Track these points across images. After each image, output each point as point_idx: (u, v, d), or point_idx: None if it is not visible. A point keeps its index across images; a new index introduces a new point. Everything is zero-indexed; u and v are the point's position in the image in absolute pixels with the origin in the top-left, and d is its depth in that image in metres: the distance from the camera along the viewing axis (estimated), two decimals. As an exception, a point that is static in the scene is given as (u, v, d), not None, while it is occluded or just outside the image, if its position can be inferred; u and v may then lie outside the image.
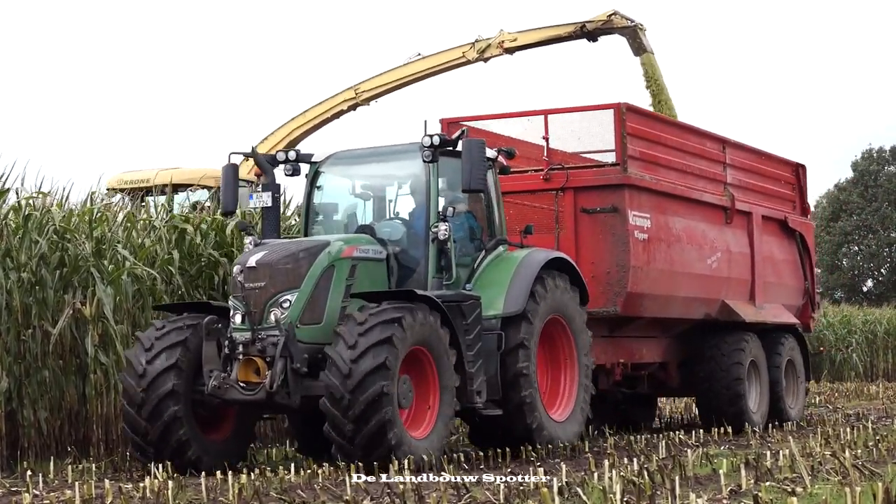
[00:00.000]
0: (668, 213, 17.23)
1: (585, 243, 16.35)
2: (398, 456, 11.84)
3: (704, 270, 18.04)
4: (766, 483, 9.53)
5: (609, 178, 16.32)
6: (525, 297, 13.74)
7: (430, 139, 13.47)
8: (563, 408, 14.53)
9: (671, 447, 14.09)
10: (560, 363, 14.65)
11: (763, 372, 19.15)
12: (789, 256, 20.82)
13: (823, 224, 71.16)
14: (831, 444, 13.27)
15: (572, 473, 10.88)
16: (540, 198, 16.64)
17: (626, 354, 17.49)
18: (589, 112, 16.65)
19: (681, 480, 9.84)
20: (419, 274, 13.51)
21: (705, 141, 18.64)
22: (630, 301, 16.34)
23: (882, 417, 20.18)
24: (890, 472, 10.20)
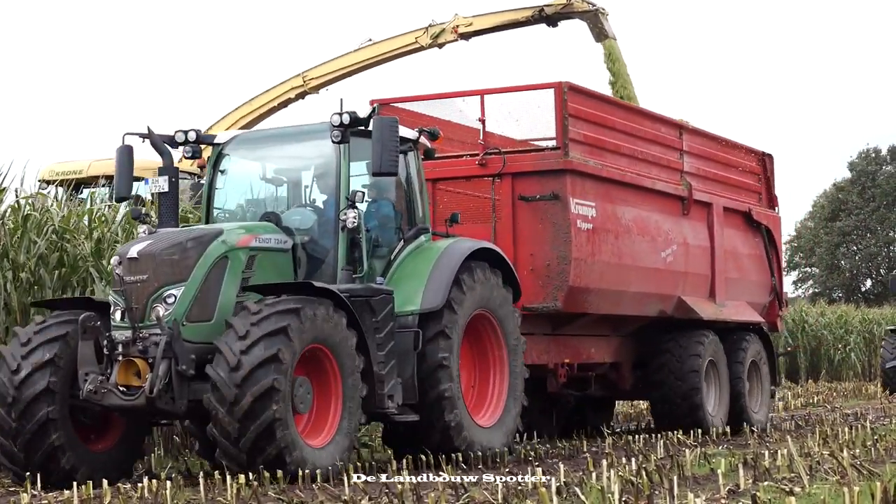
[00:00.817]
0: (616, 202, 15.99)
1: (524, 233, 15.11)
2: (289, 462, 10.63)
3: (658, 264, 16.80)
4: (764, 483, 9.62)
5: (549, 162, 15.08)
6: (445, 291, 12.50)
7: (340, 118, 12.24)
8: (491, 413, 13.28)
9: (669, 447, 13.88)
10: (489, 365, 13.41)
11: (723, 373, 17.92)
12: (754, 251, 19.58)
13: (822, 224, 70.55)
14: (829, 444, 13.14)
15: (570, 473, 10.82)
16: (475, 185, 15.41)
17: (572, 354, 16.25)
18: (528, 92, 15.37)
19: (679, 480, 9.84)
20: (328, 266, 12.27)
21: (659, 126, 17.39)
22: (572, 296, 15.09)
23: (880, 417, 19.63)
24: (888, 471, 10.12)
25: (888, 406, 23.16)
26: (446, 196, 15.50)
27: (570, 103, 15.14)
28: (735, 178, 19.25)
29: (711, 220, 18.19)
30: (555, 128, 15.11)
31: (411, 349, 12.25)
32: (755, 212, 19.49)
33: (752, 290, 19.41)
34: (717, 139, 18.86)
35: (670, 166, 17.41)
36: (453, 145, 15.60)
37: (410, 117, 15.70)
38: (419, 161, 13.45)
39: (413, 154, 13.28)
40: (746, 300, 19.17)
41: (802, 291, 73.33)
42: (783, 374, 38.46)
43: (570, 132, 15.14)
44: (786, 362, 38.81)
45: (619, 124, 16.30)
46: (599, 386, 17.70)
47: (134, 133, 12.74)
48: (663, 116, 17.75)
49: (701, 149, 18.27)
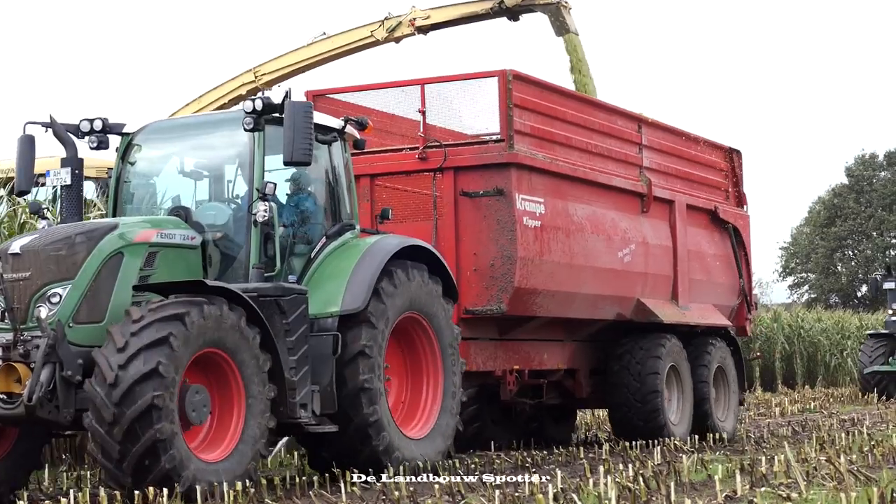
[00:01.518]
0: (567, 199, 15.05)
1: (467, 231, 14.18)
2: (180, 480, 9.69)
3: (615, 265, 15.86)
4: (761, 489, 9.66)
5: (492, 156, 14.14)
6: (367, 291, 11.54)
7: (252, 104, 11.30)
8: (424, 423, 12.33)
9: (666, 453, 13.80)
10: (422, 370, 12.46)
11: (686, 380, 16.98)
12: (721, 251, 18.65)
13: (818, 230, 69.85)
14: (826, 450, 13.11)
15: (568, 479, 10.78)
16: (416, 180, 14.49)
17: (522, 360, 15.30)
18: (471, 81, 14.42)
19: (676, 486, 9.83)
20: (241, 264, 11.32)
21: (616, 118, 16.46)
22: (518, 298, 14.15)
23: (877, 422, 19.35)
24: (885, 477, 10.12)
25: (885, 412, 22.81)
26: (385, 192, 14.59)
27: (515, 92, 14.22)
28: (700, 174, 18.32)
29: (673, 219, 17.27)
30: (499, 119, 14.18)
31: (330, 354, 11.29)
32: (722, 210, 18.57)
33: (718, 292, 18.49)
34: (679, 133, 17.93)
35: (628, 161, 16.49)
36: (393, 138, 14.69)
37: (348, 109, 14.79)
38: (347, 153, 12.51)
39: (340, 145, 12.34)
40: (713, 303, 18.24)
41: (798, 297, 72.96)
42: (780, 379, 38.11)
43: (516, 123, 14.22)
44: (782, 368, 38.18)
45: (570, 116, 15.36)
46: (555, 394, 16.79)
47: (36, 122, 11.81)
48: (620, 108, 16.83)
49: (662, 143, 17.34)
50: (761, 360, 36.11)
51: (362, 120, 12.57)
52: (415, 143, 14.42)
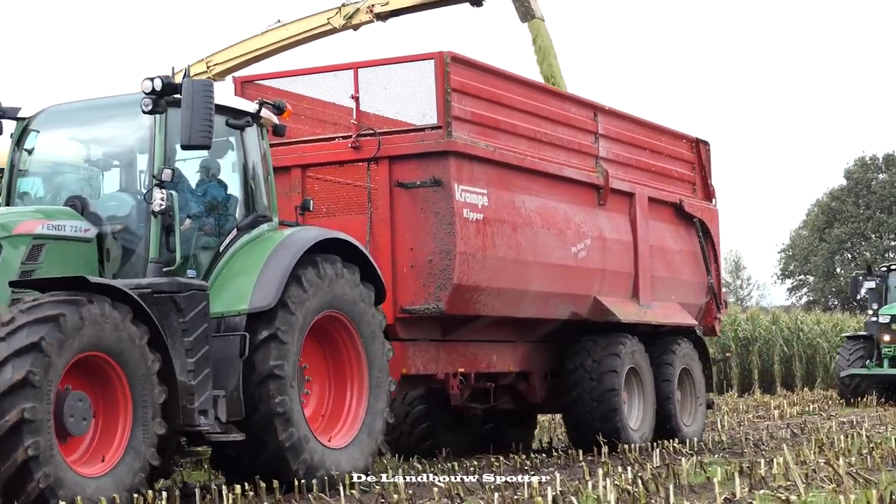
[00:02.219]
0: (514, 190, 14.14)
1: (403, 225, 13.27)
2: (56, 500, 8.76)
3: (568, 261, 14.94)
4: (760, 491, 9.69)
5: (429, 144, 13.23)
6: (279, 287, 10.61)
7: (151, 83, 10.39)
8: (345, 431, 11.40)
9: (665, 455, 13.74)
10: (345, 375, 11.54)
11: (647, 383, 16.08)
12: (687, 247, 17.73)
13: (816, 232, 69.05)
14: (825, 452, 13.08)
15: (566, 482, 10.69)
16: (349, 171, 13.59)
17: (468, 363, 14.39)
18: (406, 64, 13.48)
19: (675, 489, 9.73)
20: (140, 258, 10.41)
21: (569, 105, 15.54)
22: (459, 296, 13.24)
23: (876, 425, 19.09)
24: (884, 479, 10.12)
25: (883, 414, 22.41)
26: (317, 184, 13.68)
27: (453, 76, 13.30)
28: (663, 165, 17.40)
29: (634, 212, 16.36)
30: (435, 104, 13.26)
31: (237, 356, 10.37)
32: (687, 204, 17.65)
33: (684, 290, 17.58)
34: (640, 122, 17.02)
35: (582, 151, 15.57)
36: (325, 127, 13.79)
37: (278, 96, 13.82)
38: (264, 140, 11.61)
39: (255, 130, 11.42)
40: (678, 301, 17.34)
41: (797, 299, 72.40)
42: (778, 381, 37.65)
43: (454, 109, 13.30)
44: (781, 370, 37.43)
45: (517, 102, 14.43)
46: (508, 398, 15.89)
47: None
48: (573, 95, 15.94)
49: (620, 133, 16.42)
50: (737, 360, 35.20)
51: (279, 104, 11.66)
52: (348, 131, 13.53)
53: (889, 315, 26.81)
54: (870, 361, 26.62)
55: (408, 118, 13.53)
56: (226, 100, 11.10)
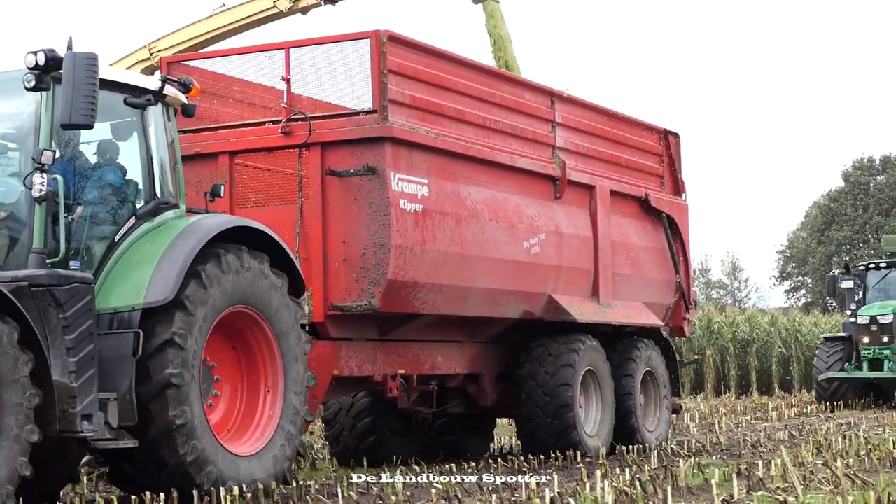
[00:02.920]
0: (459, 180, 13.24)
1: (335, 216, 12.39)
2: None
3: (519, 256, 14.05)
4: (758, 493, 9.70)
5: (363, 129, 12.34)
6: (176, 282, 9.70)
7: (34, 57, 9.51)
8: (259, 435, 10.50)
9: (663, 457, 13.73)
10: (258, 374, 10.66)
11: (607, 386, 15.18)
12: (653, 244, 16.84)
13: (815, 234, 68.46)
14: (823, 454, 13.12)
15: (565, 483, 10.70)
16: (280, 157, 12.69)
17: (409, 364, 13.50)
18: (341, 44, 12.58)
19: (673, 490, 9.71)
20: (24, 248, 9.51)
21: (523, 92, 14.64)
22: (394, 292, 12.34)
23: (874, 426, 19.06)
24: (882, 481, 10.11)
25: (881, 415, 22.13)
26: (246, 172, 12.79)
27: (390, 57, 12.41)
28: (627, 157, 16.50)
29: (594, 206, 15.47)
30: (371, 87, 12.37)
31: (129, 356, 9.47)
32: (654, 198, 16.75)
33: (650, 288, 16.69)
34: (602, 112, 16.11)
35: (537, 140, 14.67)
36: (255, 110, 12.90)
37: (206, 78, 13.04)
38: (171, 120, 10.72)
39: (159, 111, 10.53)
40: (643, 300, 16.44)
41: (795, 301, 71.82)
42: (776, 383, 37.28)
43: (391, 92, 12.41)
44: (779, 372, 36.78)
45: (463, 86, 13.53)
46: (458, 401, 15.01)
47: None
48: (528, 81, 15.04)
49: (580, 122, 15.52)
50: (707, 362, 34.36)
51: (185, 80, 10.77)
52: (279, 115, 12.64)
53: (868, 316, 25.82)
54: (849, 364, 25.64)
55: (342, 102, 12.63)
56: (122, 76, 10.23)
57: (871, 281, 27.08)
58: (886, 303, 26.26)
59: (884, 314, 25.63)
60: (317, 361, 12.27)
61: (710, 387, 35.85)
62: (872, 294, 26.87)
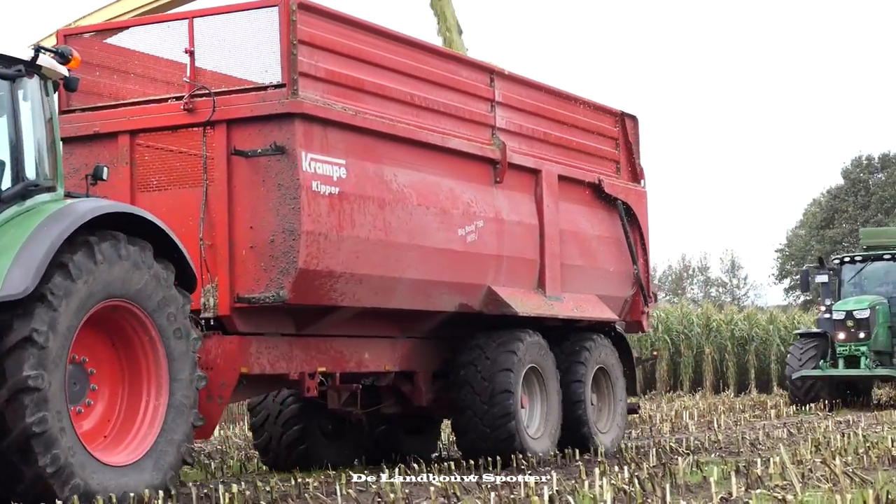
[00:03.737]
0: (383, 162, 12.23)
1: (242, 200, 11.37)
2: None
3: (454, 245, 13.04)
4: (756, 490, 9.69)
5: (271, 104, 11.32)
6: (38, 270, 8.70)
7: None
8: (139, 443, 9.49)
9: (661, 455, 13.71)
10: (141, 374, 9.65)
11: (552, 384, 14.17)
12: (608, 232, 15.81)
13: (814, 232, 67.85)
14: (822, 452, 13.12)
15: (563, 481, 10.67)
16: (183, 137, 11.69)
17: (331, 361, 12.46)
18: (247, 13, 11.53)
19: (671, 488, 9.75)
20: None
21: (459, 68, 13.61)
22: (306, 283, 11.32)
23: (872, 424, 18.98)
24: (880, 479, 10.20)
25: (880, 413, 21.90)
26: (148, 153, 11.78)
27: (301, 26, 11.39)
28: (578, 140, 15.47)
29: (540, 192, 14.44)
30: (279, 59, 11.36)
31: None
32: (608, 184, 15.72)
33: (604, 280, 15.67)
34: (549, 91, 15.07)
35: (474, 120, 13.65)
36: (157, 86, 11.88)
37: (105, 51, 12.06)
38: (49, 95, 9.72)
39: (35, 84, 9.54)
40: (596, 293, 15.42)
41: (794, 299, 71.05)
42: (775, 381, 36.77)
43: (302, 65, 11.40)
44: (778, 370, 36.15)
45: (388, 61, 12.51)
46: (393, 401, 14.01)
47: None
48: (463, 57, 14.09)
49: (524, 102, 14.50)
50: (662, 360, 33.40)
51: (63, 50, 9.78)
52: (182, 91, 11.64)
53: (844, 311, 24.55)
54: (823, 361, 24.40)
55: (250, 76, 11.60)
56: None
57: (846, 275, 25.95)
58: (863, 297, 25.11)
59: (860, 309, 24.43)
60: (223, 358, 11.32)
61: (708, 384, 35.50)
62: (847, 288, 25.73)
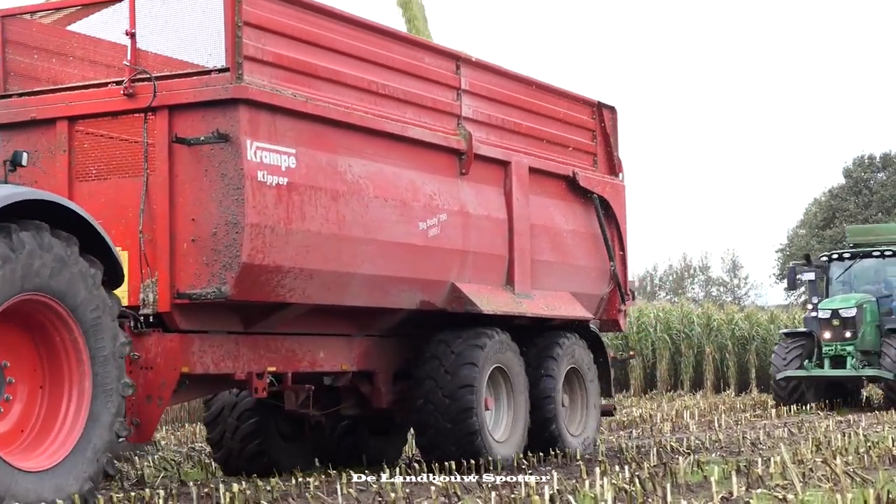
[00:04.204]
0: (337, 151, 11.62)
1: (184, 190, 10.77)
2: None
3: (414, 239, 12.45)
4: (757, 490, 9.72)
5: (214, 89, 10.71)
6: None
7: None
8: (57, 448, 8.87)
9: (662, 454, 13.75)
10: (62, 378, 9.04)
11: (520, 385, 13.58)
12: (582, 227, 15.20)
13: (814, 231, 67.48)
14: (822, 451, 13.15)
15: (564, 481, 10.71)
16: (124, 123, 11.09)
17: (282, 360, 11.86)
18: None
19: (672, 488, 9.76)
20: None
21: (422, 54, 13.00)
22: (250, 278, 10.72)
23: (873, 424, 18.99)
24: (881, 478, 10.21)
25: (880, 413, 21.77)
26: (87, 140, 11.18)
27: (247, 7, 10.78)
28: (552, 132, 14.86)
29: (509, 184, 13.85)
30: (224, 41, 10.76)
31: None
32: (583, 177, 15.11)
33: (579, 277, 15.07)
34: (520, 80, 14.47)
35: (438, 109, 13.04)
36: (98, 70, 11.27)
37: (45, 33, 11.46)
38: None
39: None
40: (570, 290, 14.82)
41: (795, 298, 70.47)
42: None
43: (248, 48, 10.79)
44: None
45: (343, 45, 11.90)
46: (353, 402, 13.42)
47: None
48: (426, 42, 13.48)
49: (493, 90, 13.90)
50: (635, 360, 32.78)
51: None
52: (123, 75, 11.04)
53: (829, 309, 23.69)
54: (808, 362, 23.57)
55: (193, 59, 10.96)
56: None
57: (834, 273, 25.14)
58: (849, 295, 24.28)
59: (846, 307, 23.59)
60: (163, 357, 10.74)
61: (709, 384, 35.12)
62: (836, 286, 24.96)
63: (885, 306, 24.21)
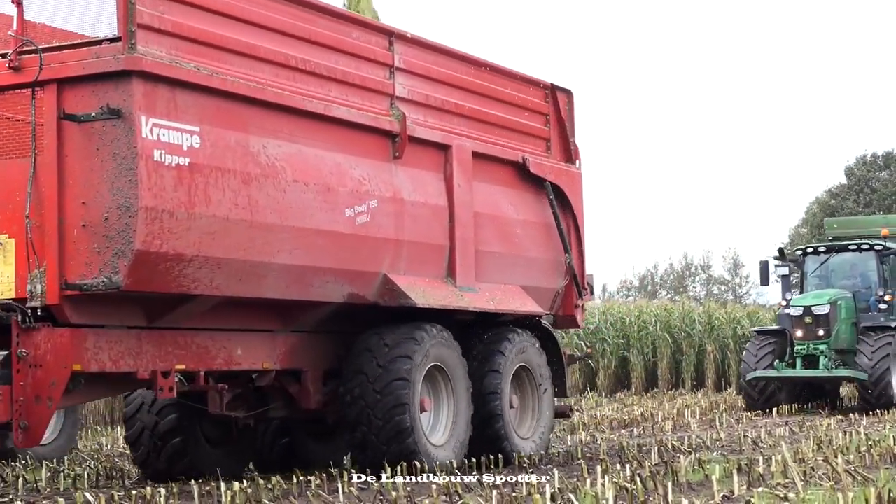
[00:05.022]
0: (249, 131, 10.71)
1: (73, 171, 9.87)
2: None
3: (339, 226, 11.53)
4: (758, 489, 9.74)
5: (105, 61, 9.81)
6: None
7: None
8: None
9: (663, 453, 13.74)
10: None
11: (461, 385, 12.67)
12: (534, 217, 14.29)
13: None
14: (823, 450, 13.16)
15: (565, 479, 10.65)
16: (10, 100, 10.22)
17: (192, 357, 10.94)
18: (81, -44, 10.09)
19: (673, 486, 9.82)
20: None
21: (348, 28, 12.07)
22: (145, 266, 9.80)
23: (874, 423, 18.79)
24: (882, 477, 10.24)
25: (881, 412, 21.34)
26: (-26, 119, 10.29)
27: (139, -29, 9.89)
28: (499, 115, 13.93)
29: (450, 170, 12.95)
30: (115, 9, 9.86)
31: None
32: (534, 163, 14.18)
33: (530, 270, 14.15)
34: (463, 58, 13.55)
35: (368, 87, 12.13)
36: (-23, 42, 10.39)
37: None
38: None
39: None
40: (520, 284, 13.91)
41: (796, 297, 69.61)
42: None
43: (143, 15, 9.88)
44: None
45: (259, 17, 10.98)
46: (281, 403, 12.52)
47: None
48: (356, 16, 12.54)
49: (431, 69, 12.97)
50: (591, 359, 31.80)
51: None
52: (7, 48, 10.15)
53: (802, 306, 22.14)
54: (779, 361, 22.05)
55: (84, 30, 10.07)
56: None
57: (809, 267, 23.74)
58: (823, 291, 22.83)
59: (819, 304, 22.04)
60: (52, 354, 9.89)
61: (710, 382, 34.55)
62: (812, 281, 23.58)
63: (861, 303, 22.93)
